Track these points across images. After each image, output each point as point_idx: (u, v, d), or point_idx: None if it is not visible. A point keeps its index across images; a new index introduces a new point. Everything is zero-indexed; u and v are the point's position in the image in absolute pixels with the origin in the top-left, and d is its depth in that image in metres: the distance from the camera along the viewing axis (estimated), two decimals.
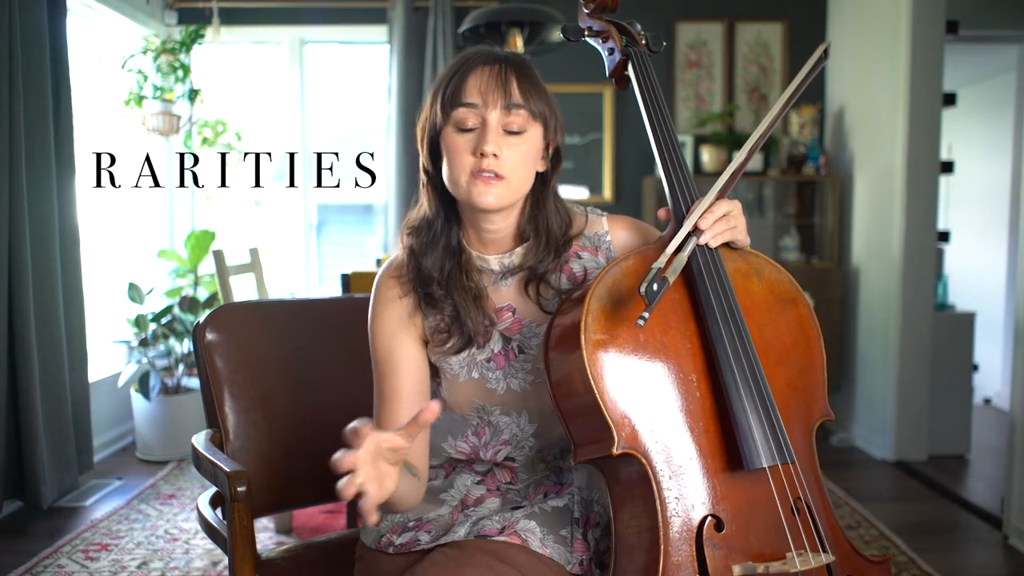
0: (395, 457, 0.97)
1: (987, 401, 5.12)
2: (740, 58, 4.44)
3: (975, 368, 4.15)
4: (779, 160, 4.29)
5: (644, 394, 1.05)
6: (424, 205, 1.25)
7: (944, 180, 4.61)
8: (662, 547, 1.01)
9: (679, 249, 1.07)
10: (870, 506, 3.11)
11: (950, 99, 3.90)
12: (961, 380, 3.86)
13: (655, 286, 0.99)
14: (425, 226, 1.23)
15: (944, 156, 4.04)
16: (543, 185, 1.23)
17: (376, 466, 0.94)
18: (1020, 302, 2.85)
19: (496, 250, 1.24)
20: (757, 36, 4.43)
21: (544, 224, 1.22)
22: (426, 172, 1.23)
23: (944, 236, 4.03)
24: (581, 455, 1.08)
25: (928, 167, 3.66)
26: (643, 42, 1.29)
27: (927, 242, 3.69)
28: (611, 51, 1.30)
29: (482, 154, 1.13)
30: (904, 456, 3.71)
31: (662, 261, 1.02)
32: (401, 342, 1.21)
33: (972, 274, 5.24)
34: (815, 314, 1.19)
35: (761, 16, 4.42)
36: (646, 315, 0.98)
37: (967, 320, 3.90)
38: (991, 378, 5.05)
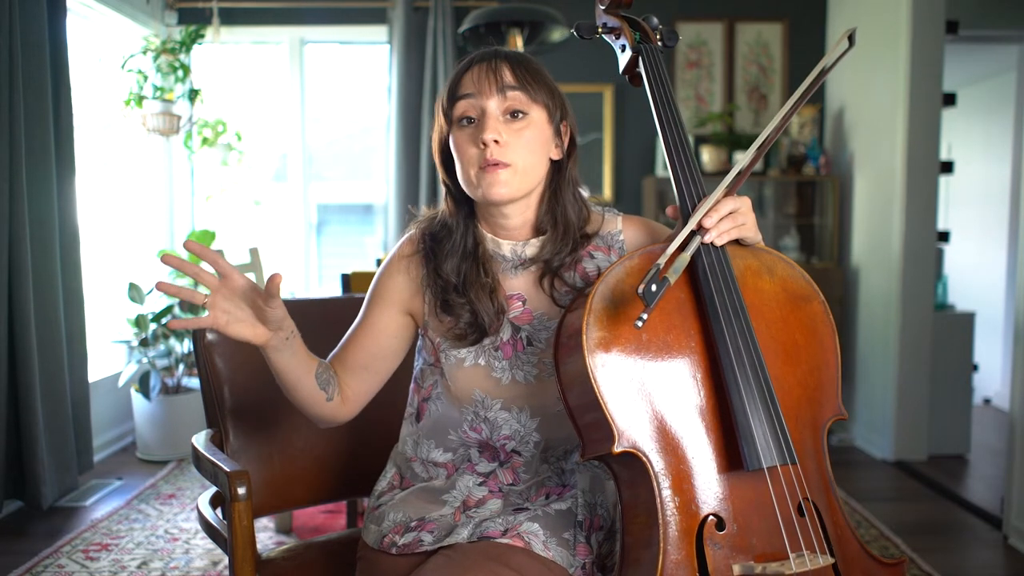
0: (263, 311, 1.11)
1: (987, 401, 5.12)
2: (740, 58, 4.44)
3: (975, 368, 4.14)
4: (779, 160, 4.29)
5: (646, 393, 1.05)
6: (445, 211, 1.27)
7: (944, 180, 4.61)
8: (661, 545, 1.01)
9: (683, 248, 1.07)
10: (870, 506, 3.11)
11: (950, 99, 3.90)
12: (961, 380, 3.86)
13: (653, 287, 0.98)
14: (446, 234, 1.25)
15: (944, 156, 4.04)
16: (559, 173, 1.23)
17: (232, 301, 1.10)
18: (1020, 302, 2.85)
19: (512, 239, 1.24)
20: (757, 36, 4.43)
21: (562, 215, 1.23)
22: (445, 183, 1.26)
23: (944, 236, 4.03)
24: (588, 452, 1.08)
25: (928, 167, 3.66)
26: (657, 37, 1.29)
27: (927, 242, 3.69)
28: (623, 48, 1.30)
29: (484, 143, 1.13)
30: (904, 456, 3.71)
31: (663, 261, 1.01)
32: (387, 316, 1.27)
33: (972, 274, 5.23)
34: (831, 311, 1.18)
35: (761, 16, 4.42)
36: (644, 316, 0.97)
37: (967, 320, 3.90)
38: (991, 378, 5.05)
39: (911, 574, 2.51)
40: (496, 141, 1.14)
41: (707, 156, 4.22)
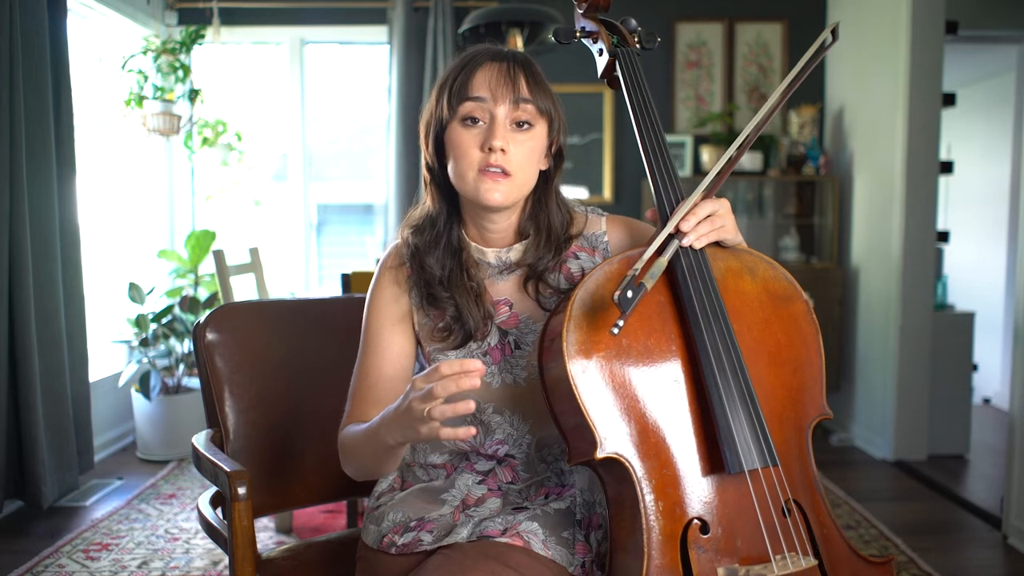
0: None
1: (987, 401, 5.12)
2: (740, 58, 4.44)
3: (975, 368, 4.15)
4: (779, 160, 4.29)
5: (628, 398, 1.04)
6: (427, 203, 1.26)
7: (944, 180, 4.62)
8: (646, 549, 1.01)
9: (661, 252, 1.06)
10: (870, 506, 3.11)
11: (950, 99, 3.90)
12: (961, 380, 3.86)
13: (629, 293, 0.97)
14: (428, 224, 1.25)
15: (943, 156, 4.04)
16: (545, 184, 1.24)
17: None
18: (1020, 302, 2.85)
19: (496, 245, 1.25)
20: (757, 36, 4.43)
21: (545, 222, 1.23)
22: (430, 169, 1.24)
23: (944, 236, 4.03)
24: (574, 457, 1.08)
25: (927, 167, 3.66)
26: (635, 40, 1.29)
27: (927, 242, 3.69)
28: (600, 52, 1.30)
29: (490, 149, 1.14)
30: (904, 456, 3.71)
31: (639, 266, 1.01)
32: (391, 333, 1.25)
33: (972, 274, 5.24)
34: (814, 311, 1.18)
35: (761, 16, 4.42)
36: (620, 323, 0.96)
37: (967, 320, 3.90)
38: (991, 378, 5.05)
39: (911, 574, 2.51)
40: (503, 150, 1.14)
41: (707, 156, 4.22)
